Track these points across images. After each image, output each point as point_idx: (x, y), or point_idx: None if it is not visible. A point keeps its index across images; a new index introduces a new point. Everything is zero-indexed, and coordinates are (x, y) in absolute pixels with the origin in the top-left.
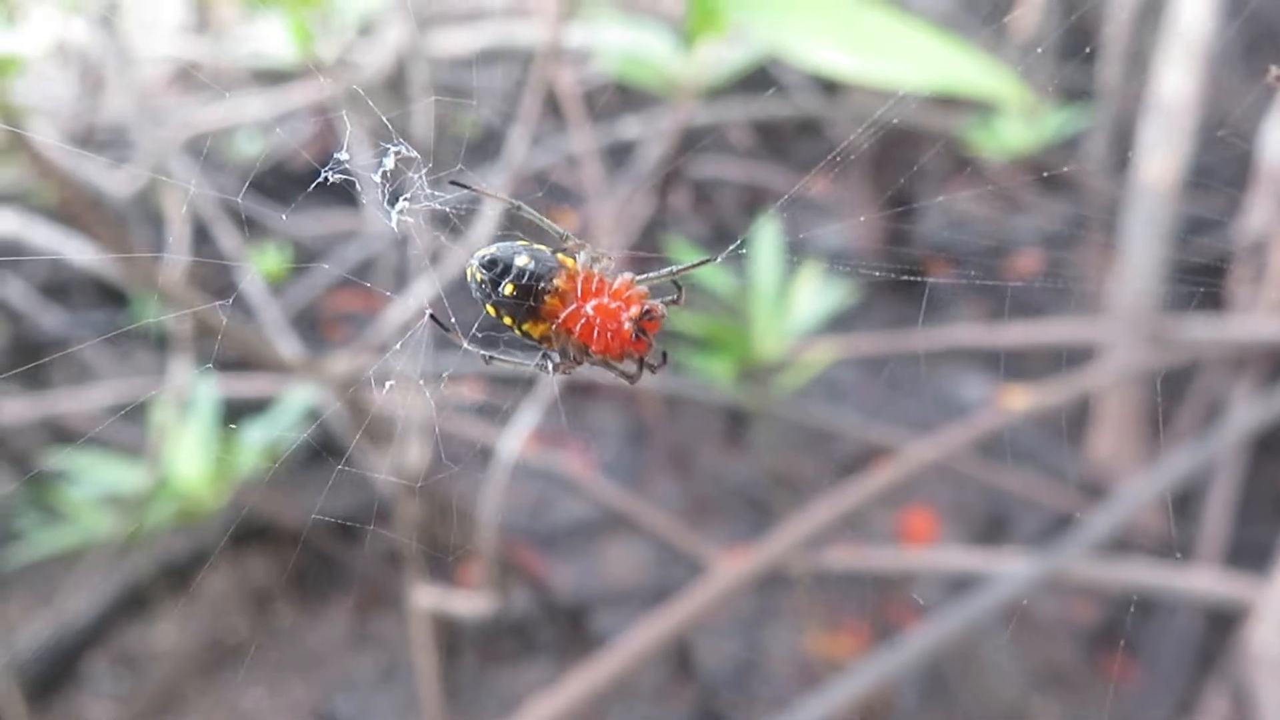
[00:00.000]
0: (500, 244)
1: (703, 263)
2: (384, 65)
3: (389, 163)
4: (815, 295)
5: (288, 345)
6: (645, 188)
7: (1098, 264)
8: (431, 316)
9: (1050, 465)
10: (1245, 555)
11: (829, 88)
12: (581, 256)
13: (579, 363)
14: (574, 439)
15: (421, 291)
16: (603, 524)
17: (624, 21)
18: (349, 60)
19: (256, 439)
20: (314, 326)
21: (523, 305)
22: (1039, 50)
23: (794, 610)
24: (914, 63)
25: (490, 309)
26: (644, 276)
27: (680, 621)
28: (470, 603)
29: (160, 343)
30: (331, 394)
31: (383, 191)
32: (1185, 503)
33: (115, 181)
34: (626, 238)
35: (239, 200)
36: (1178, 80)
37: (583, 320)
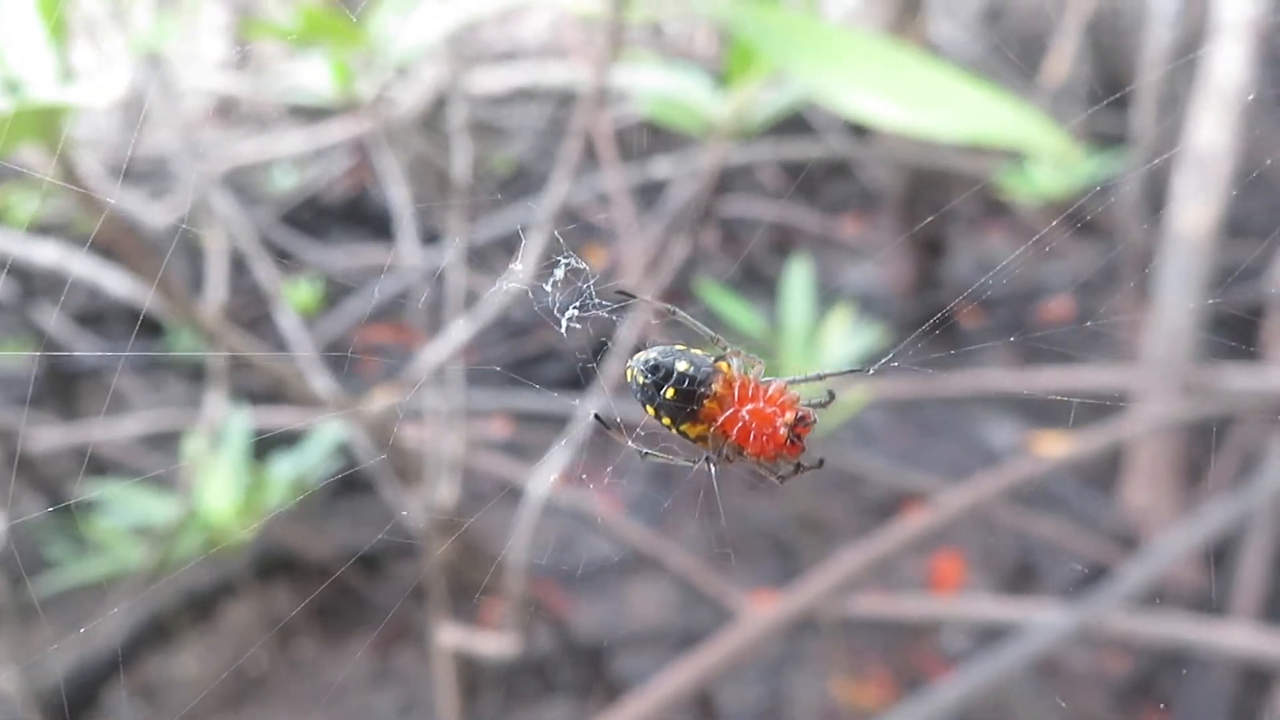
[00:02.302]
0: (661, 348)
1: (854, 371)
2: (421, 103)
3: (559, 274)
4: (846, 337)
5: (320, 380)
6: (676, 228)
7: (1131, 311)
8: (596, 417)
9: (1081, 513)
10: None
11: (859, 130)
12: (736, 362)
13: (732, 462)
14: (601, 478)
15: (456, 331)
16: (627, 564)
17: (661, 64)
18: (387, 97)
19: (286, 472)
20: (345, 359)
21: (683, 409)
22: (1072, 95)
23: (820, 656)
24: (953, 111)
25: (650, 410)
26: (794, 379)
27: (708, 668)
28: (494, 642)
29: (193, 374)
30: (362, 429)
31: (553, 299)
32: (1221, 556)
33: (154, 212)
34: (658, 278)
35: (274, 232)
36: (1212, 129)
37: (740, 424)
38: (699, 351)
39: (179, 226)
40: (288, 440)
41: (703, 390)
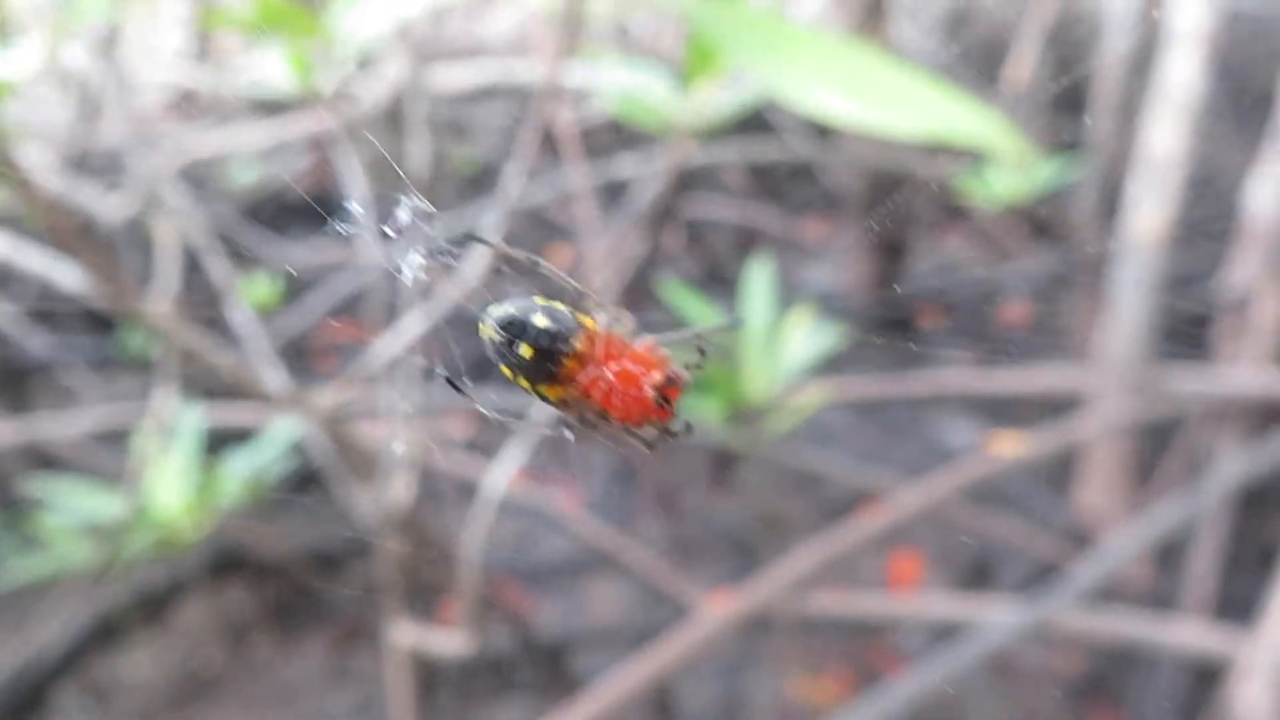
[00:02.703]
0: (519, 301)
1: (727, 326)
2: (382, 99)
3: (403, 215)
4: (807, 338)
5: (274, 377)
6: (639, 227)
7: (1086, 314)
8: (447, 379)
9: (1036, 512)
10: (1231, 608)
11: (822, 132)
12: (601, 316)
13: (596, 428)
14: (561, 476)
15: (413, 326)
16: (587, 563)
17: (623, 61)
18: (348, 93)
19: (239, 469)
20: (302, 356)
21: (540, 368)
22: (1032, 102)
23: (777, 654)
24: (914, 111)
25: (505, 370)
26: (665, 337)
27: (663, 665)
28: (450, 641)
29: (146, 369)
30: (317, 426)
31: (399, 251)
32: (1171, 554)
33: (109, 207)
34: (620, 277)
35: (231, 228)
36: (1166, 136)
37: (603, 385)
38: (561, 306)
39: (133, 220)
40: (243, 437)
41: (563, 348)
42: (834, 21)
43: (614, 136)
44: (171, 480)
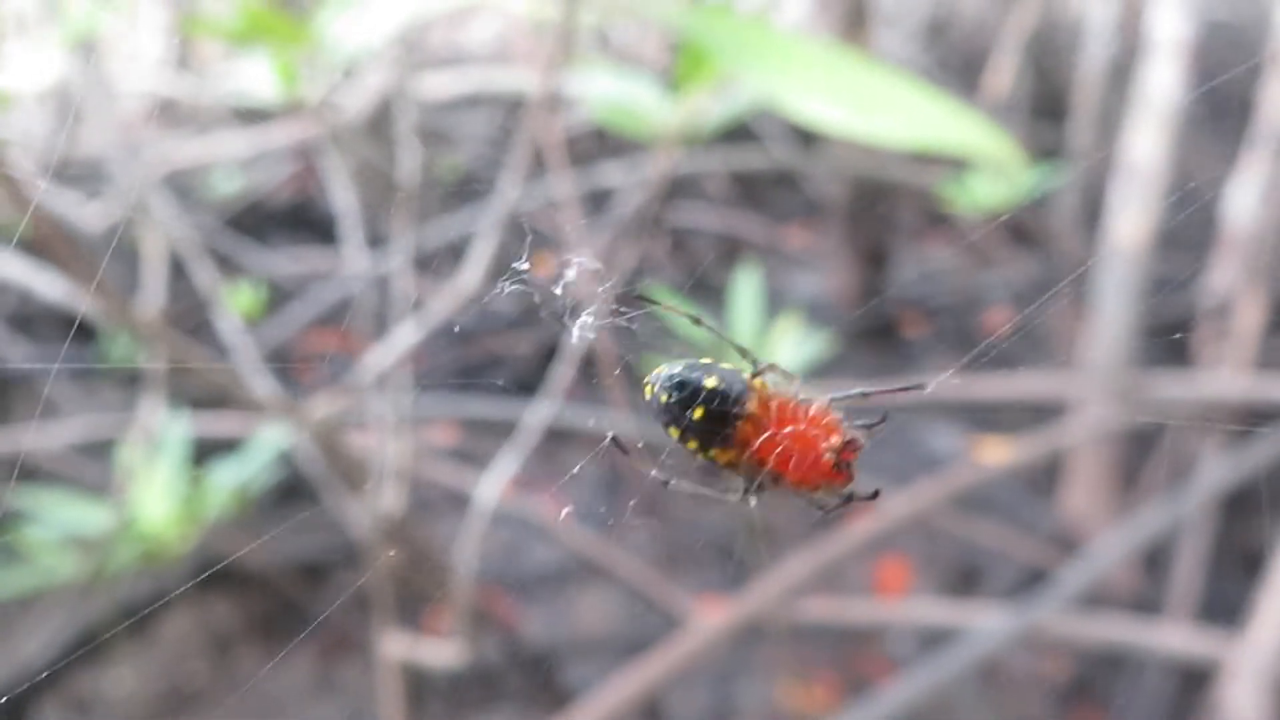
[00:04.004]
0: (687, 362)
1: (912, 388)
2: (367, 107)
3: (571, 274)
4: (794, 345)
5: (261, 385)
6: (625, 236)
7: (1069, 320)
8: (614, 440)
9: (1022, 518)
10: (1216, 611)
11: (806, 140)
12: (772, 378)
13: (768, 491)
14: (548, 483)
15: (404, 337)
16: (575, 572)
17: (611, 70)
18: (332, 101)
19: (226, 480)
20: (288, 365)
21: (714, 431)
22: (1011, 109)
23: (767, 662)
24: (901, 117)
25: (675, 433)
26: (838, 396)
27: (655, 676)
28: (440, 651)
29: (130, 380)
30: (306, 435)
31: (564, 304)
32: (1156, 559)
33: (90, 215)
34: (607, 284)
35: (214, 238)
36: (1146, 144)
37: (779, 448)
38: (728, 366)
39: (116, 229)
40: (229, 447)
41: (736, 410)
42: (816, 29)
43: (599, 144)
44: (157, 492)
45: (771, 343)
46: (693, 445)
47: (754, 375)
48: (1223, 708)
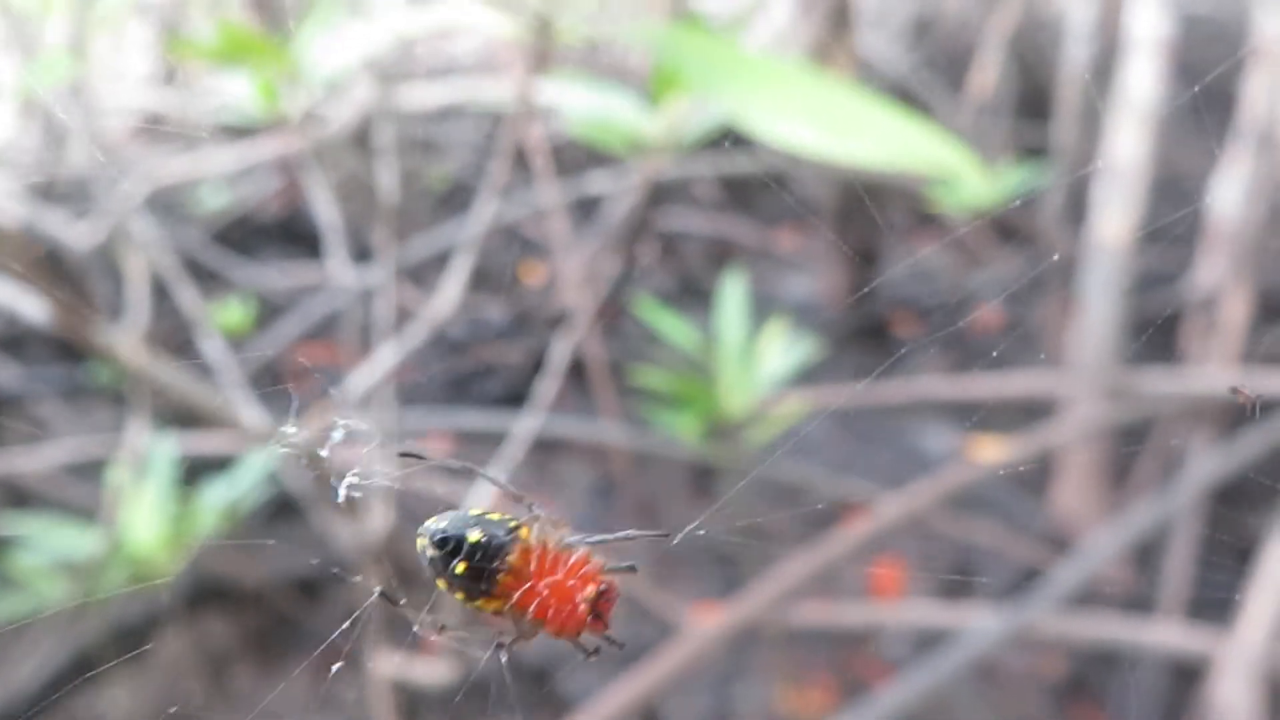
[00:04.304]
0: (454, 514)
1: (659, 535)
2: (351, 120)
3: (338, 436)
4: (783, 349)
5: (247, 409)
6: (613, 243)
7: (1057, 317)
8: (382, 594)
9: (1015, 517)
10: (1208, 606)
11: None
12: (536, 528)
13: (530, 638)
14: (540, 491)
15: (386, 355)
16: None
17: (589, 83)
18: (316, 115)
19: (216, 499)
20: (277, 380)
21: (476, 584)
22: (995, 108)
23: (764, 666)
24: (873, 138)
25: (441, 583)
26: (595, 539)
27: (652, 683)
28: (433, 669)
29: (119, 399)
30: (294, 454)
31: (329, 465)
32: (1148, 555)
33: (76, 234)
34: (595, 294)
35: (201, 253)
36: (1129, 141)
37: (536, 601)
38: (496, 516)
39: (101, 248)
40: (219, 465)
41: (496, 565)
42: (800, 31)
43: (585, 153)
44: (146, 513)
45: (760, 347)
46: (460, 596)
47: (518, 525)
48: (1214, 702)
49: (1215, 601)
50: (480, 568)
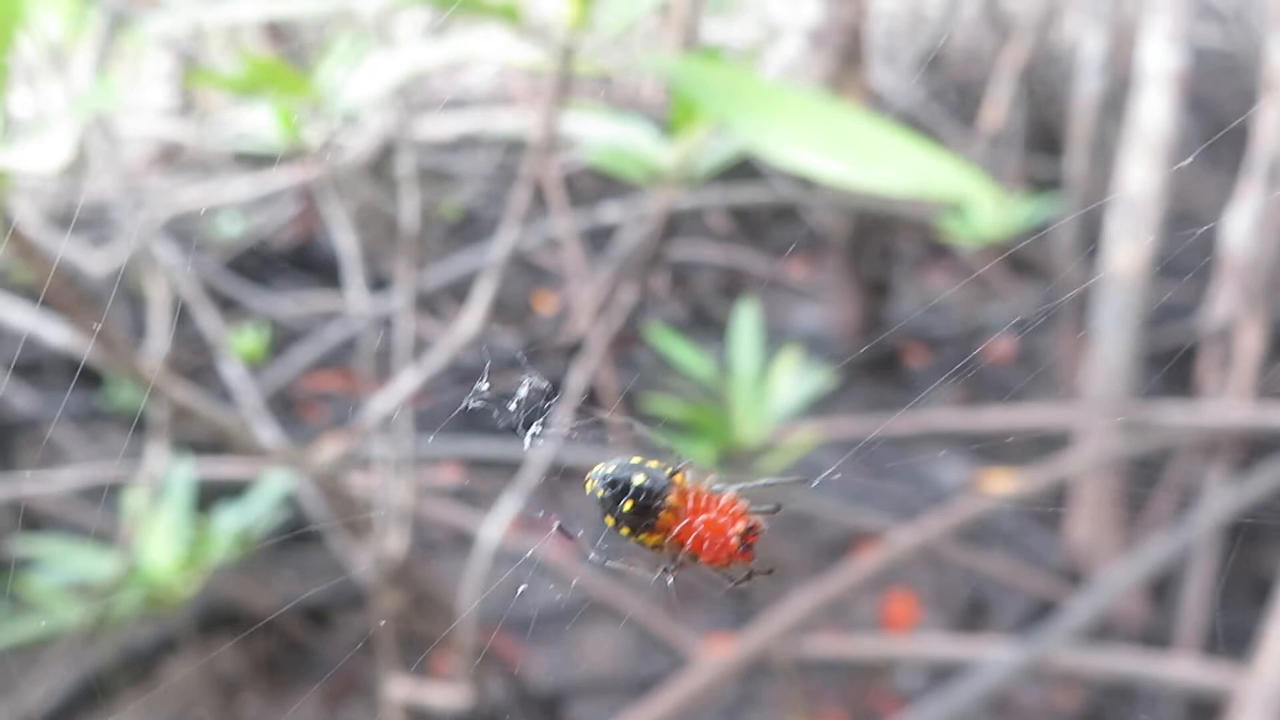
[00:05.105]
0: (619, 462)
1: (797, 481)
2: (368, 150)
3: (523, 392)
4: (795, 379)
5: (267, 434)
6: (626, 273)
7: (1070, 349)
8: (560, 529)
9: (1028, 550)
10: (1225, 641)
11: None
12: (690, 474)
13: (685, 568)
14: (551, 522)
15: (407, 380)
16: (581, 610)
17: (607, 113)
18: (333, 144)
19: (231, 524)
20: (291, 407)
21: (640, 520)
22: (1007, 141)
23: (775, 698)
24: (891, 166)
25: (610, 520)
26: (740, 486)
27: (662, 714)
28: (445, 694)
29: (134, 424)
30: (309, 479)
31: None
32: (1164, 589)
33: (94, 261)
34: (609, 323)
35: (220, 280)
36: (1141, 173)
37: (694, 534)
38: (655, 464)
39: (120, 274)
40: (233, 491)
41: (658, 503)
42: (813, 66)
43: (599, 182)
44: (162, 537)
45: (773, 377)
46: (625, 531)
47: (674, 471)
48: None
49: (1233, 635)
50: (644, 506)
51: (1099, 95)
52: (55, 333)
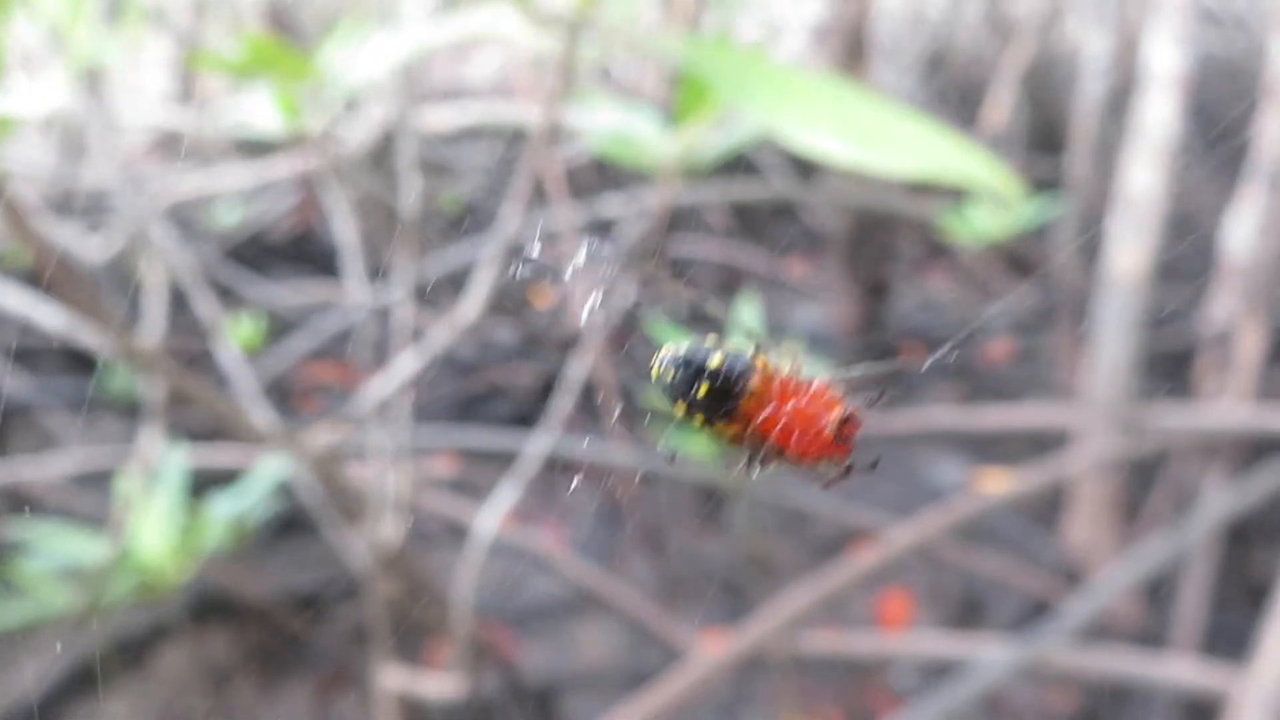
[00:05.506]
0: (692, 341)
1: (913, 366)
2: (369, 139)
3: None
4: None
5: (261, 415)
6: (626, 266)
7: (1069, 350)
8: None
9: (1025, 550)
10: (1221, 643)
11: (805, 171)
12: (773, 355)
13: (770, 465)
14: (548, 515)
15: (404, 366)
16: (575, 604)
17: (612, 101)
18: (334, 134)
19: (225, 511)
20: (287, 398)
21: (718, 407)
22: (1009, 142)
23: (770, 695)
24: (904, 149)
25: (680, 408)
26: (843, 375)
27: (656, 709)
28: (439, 684)
29: (129, 411)
30: (304, 466)
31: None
32: (1160, 590)
33: (91, 247)
34: (607, 317)
35: (218, 268)
36: (1143, 175)
37: (781, 423)
38: (733, 345)
39: (117, 260)
40: (229, 479)
41: (739, 387)
42: (815, 64)
43: (599, 176)
44: (155, 523)
45: None
46: (698, 421)
47: (757, 353)
48: None
49: (1230, 638)
50: (724, 390)
51: (1102, 97)
52: (51, 317)
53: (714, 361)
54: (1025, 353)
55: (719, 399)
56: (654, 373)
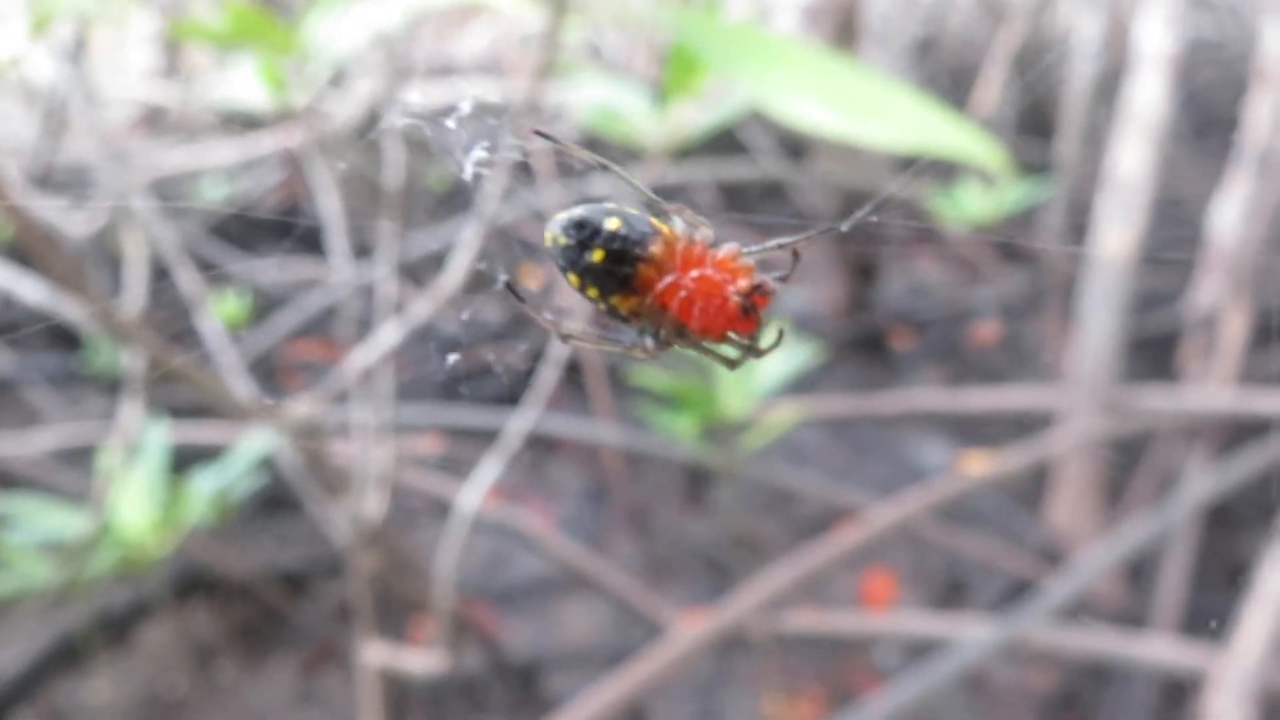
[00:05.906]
0: (587, 205)
1: (825, 230)
2: (355, 115)
3: (465, 107)
4: (780, 357)
5: (244, 389)
6: None
7: (1055, 333)
8: (507, 285)
9: (1008, 530)
10: (1201, 623)
11: (794, 152)
12: (679, 222)
13: (671, 344)
14: (533, 494)
15: (386, 339)
16: (560, 582)
17: (600, 76)
18: (320, 109)
19: (207, 487)
20: (271, 375)
21: (614, 275)
22: (999, 125)
23: (752, 674)
24: (897, 123)
25: (573, 278)
26: (752, 249)
27: (637, 684)
28: (422, 660)
29: (111, 387)
30: (287, 442)
31: (457, 140)
32: (1141, 571)
33: (74, 222)
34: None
35: (201, 244)
36: (1132, 158)
37: (682, 293)
38: (634, 210)
39: (99, 235)
40: (211, 455)
41: (638, 252)
42: (806, 43)
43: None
44: (136, 498)
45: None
46: (592, 292)
47: (658, 219)
48: (1207, 719)
49: (1209, 617)
50: (619, 256)
51: (1092, 80)
52: (33, 291)
53: (611, 224)
54: (1013, 335)
55: (615, 265)
56: (547, 238)
